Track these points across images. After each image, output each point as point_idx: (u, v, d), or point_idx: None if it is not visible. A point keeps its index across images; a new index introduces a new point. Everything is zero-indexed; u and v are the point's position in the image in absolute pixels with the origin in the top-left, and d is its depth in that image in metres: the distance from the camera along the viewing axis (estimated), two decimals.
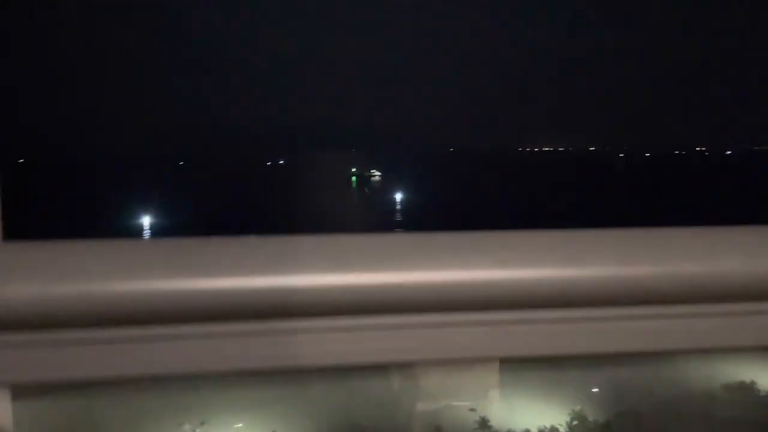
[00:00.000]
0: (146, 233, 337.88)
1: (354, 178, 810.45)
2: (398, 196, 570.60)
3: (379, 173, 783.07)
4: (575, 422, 52.43)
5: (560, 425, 53.92)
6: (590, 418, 53.32)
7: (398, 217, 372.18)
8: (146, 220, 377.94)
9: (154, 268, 1.53)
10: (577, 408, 53.48)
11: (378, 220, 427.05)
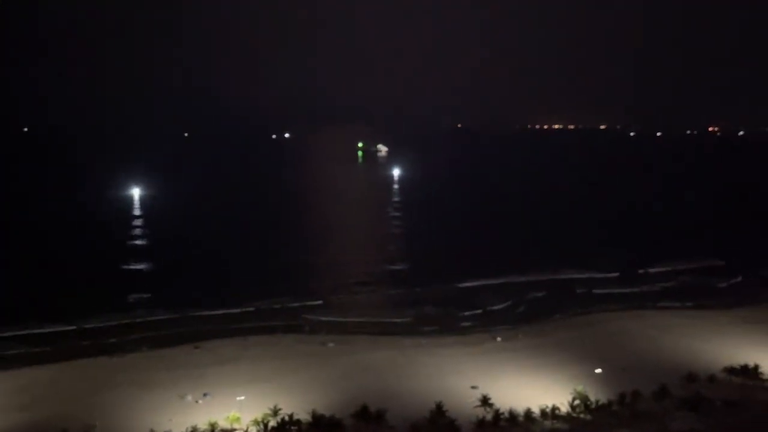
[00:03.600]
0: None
1: (360, 153, 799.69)
2: (400, 172, 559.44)
3: (386, 148, 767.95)
4: (577, 401, 54.85)
5: (562, 404, 56.42)
6: (592, 398, 55.66)
7: (397, 197, 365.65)
8: (149, 190, 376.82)
9: None
10: (580, 387, 55.82)
11: (381, 195, 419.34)
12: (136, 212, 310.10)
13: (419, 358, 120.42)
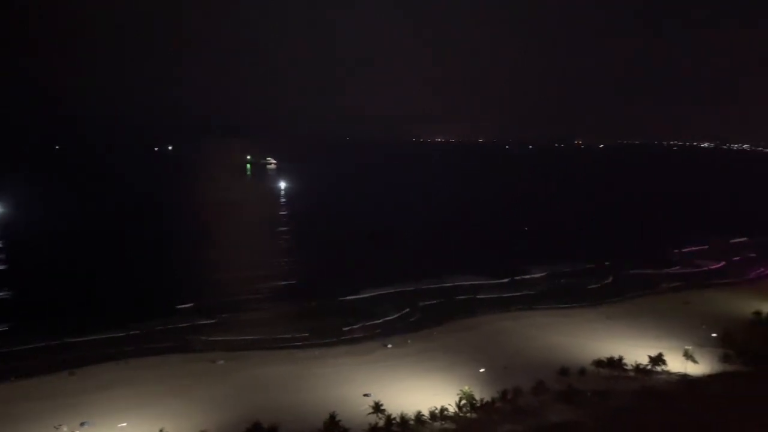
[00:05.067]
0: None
1: (249, 166, 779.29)
2: (287, 184, 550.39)
3: (275, 161, 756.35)
4: (463, 401, 58.36)
5: (450, 405, 59.84)
6: (477, 397, 59.48)
7: (285, 210, 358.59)
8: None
9: None
10: (466, 388, 59.49)
11: (269, 208, 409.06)
12: None
13: (313, 369, 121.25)
